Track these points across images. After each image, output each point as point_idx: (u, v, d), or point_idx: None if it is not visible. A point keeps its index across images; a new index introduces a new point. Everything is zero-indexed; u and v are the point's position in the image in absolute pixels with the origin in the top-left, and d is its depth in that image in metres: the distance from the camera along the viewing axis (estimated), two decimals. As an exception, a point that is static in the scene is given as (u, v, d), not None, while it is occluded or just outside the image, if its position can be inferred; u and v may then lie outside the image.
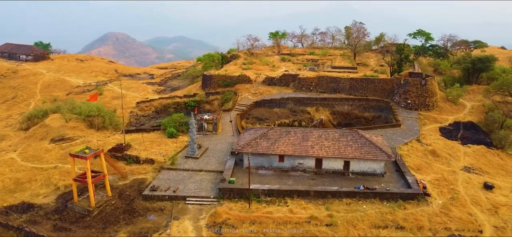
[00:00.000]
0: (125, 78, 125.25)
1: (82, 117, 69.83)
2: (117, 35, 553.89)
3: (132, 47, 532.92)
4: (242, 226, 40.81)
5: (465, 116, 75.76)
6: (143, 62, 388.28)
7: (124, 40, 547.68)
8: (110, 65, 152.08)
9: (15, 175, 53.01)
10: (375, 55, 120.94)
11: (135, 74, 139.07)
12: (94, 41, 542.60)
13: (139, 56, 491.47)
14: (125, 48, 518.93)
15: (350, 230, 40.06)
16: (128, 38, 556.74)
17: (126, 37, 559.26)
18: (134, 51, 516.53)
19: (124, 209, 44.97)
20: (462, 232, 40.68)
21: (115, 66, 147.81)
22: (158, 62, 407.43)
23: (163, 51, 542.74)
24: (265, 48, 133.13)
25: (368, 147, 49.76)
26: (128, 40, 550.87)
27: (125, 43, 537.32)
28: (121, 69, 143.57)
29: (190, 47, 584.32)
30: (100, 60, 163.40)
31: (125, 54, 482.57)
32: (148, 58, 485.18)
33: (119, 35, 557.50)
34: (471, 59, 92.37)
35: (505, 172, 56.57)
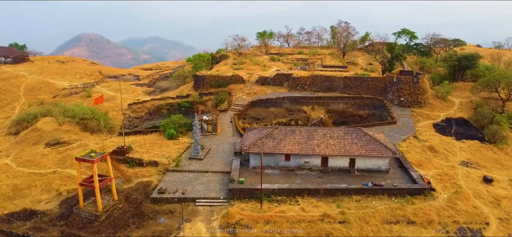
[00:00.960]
0: (110, 80, 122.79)
1: (76, 120, 68.06)
2: (90, 36, 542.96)
3: (106, 48, 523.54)
4: (256, 226, 40.75)
5: (455, 113, 77.92)
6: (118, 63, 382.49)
7: (98, 41, 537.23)
8: (93, 66, 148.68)
9: (13, 181, 51.24)
10: (361, 54, 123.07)
11: (120, 75, 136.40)
12: (67, 43, 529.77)
13: (114, 57, 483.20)
14: (99, 49, 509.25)
15: (363, 227, 40.60)
16: (102, 39, 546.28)
17: (100, 38, 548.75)
18: (108, 52, 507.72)
19: (132, 213, 44.16)
20: (470, 224, 41.91)
21: (98, 68, 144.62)
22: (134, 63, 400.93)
23: (138, 52, 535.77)
24: (252, 48, 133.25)
25: (373, 144, 50.54)
26: (102, 41, 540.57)
27: (99, 44, 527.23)
28: (105, 70, 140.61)
29: (166, 48, 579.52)
30: (82, 62, 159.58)
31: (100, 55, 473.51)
32: (123, 59, 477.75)
33: (93, 36, 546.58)
34: (457, 57, 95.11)
35: (501, 165, 58.52)
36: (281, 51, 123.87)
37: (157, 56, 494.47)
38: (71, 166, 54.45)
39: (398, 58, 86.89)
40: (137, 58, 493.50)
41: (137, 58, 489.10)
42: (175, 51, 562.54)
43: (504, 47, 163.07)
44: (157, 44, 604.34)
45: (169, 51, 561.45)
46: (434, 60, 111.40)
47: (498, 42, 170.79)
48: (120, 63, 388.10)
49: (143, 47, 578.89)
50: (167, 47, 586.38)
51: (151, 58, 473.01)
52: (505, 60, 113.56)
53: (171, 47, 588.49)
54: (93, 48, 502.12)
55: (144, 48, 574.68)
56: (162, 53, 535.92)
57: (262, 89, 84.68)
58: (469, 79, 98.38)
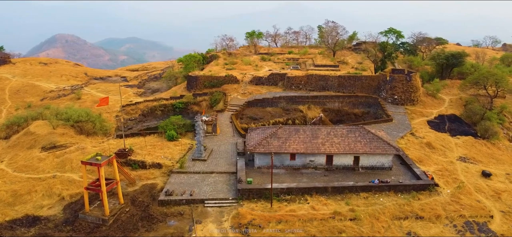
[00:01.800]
0: (97, 82, 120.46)
1: (71, 123, 66.50)
2: (66, 37, 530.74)
3: (83, 49, 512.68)
4: (268, 226, 40.77)
5: (447, 109, 79.80)
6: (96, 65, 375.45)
7: (74, 42, 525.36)
8: (77, 68, 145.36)
9: (11, 187, 49.71)
10: (350, 53, 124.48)
11: (106, 77, 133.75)
12: (41, 44, 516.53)
13: (91, 59, 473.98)
14: (75, 51, 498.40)
15: (374, 223, 41.16)
16: (78, 40, 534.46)
17: (76, 39, 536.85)
18: (85, 54, 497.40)
19: (140, 216, 43.52)
20: (476, 218, 43.04)
21: (83, 70, 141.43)
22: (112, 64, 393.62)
23: (115, 53, 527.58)
24: (241, 48, 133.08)
25: (376, 142, 51.27)
26: (79, 42, 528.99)
27: (75, 45, 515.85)
28: (90, 72, 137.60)
29: (144, 48, 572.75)
30: (66, 63, 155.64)
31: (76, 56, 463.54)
32: (101, 60, 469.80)
33: (68, 37, 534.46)
34: (445, 55, 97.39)
35: (496, 160, 60.29)
36: (270, 51, 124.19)
37: (136, 57, 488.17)
38: (71, 170, 53.25)
39: (391, 57, 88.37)
40: (115, 59, 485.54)
41: (115, 59, 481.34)
42: (154, 52, 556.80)
43: (482, 45, 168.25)
44: (135, 45, 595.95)
45: (148, 52, 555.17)
46: (420, 59, 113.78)
47: (477, 40, 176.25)
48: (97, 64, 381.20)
49: (121, 48, 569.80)
50: (145, 48, 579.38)
51: (129, 59, 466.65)
52: (488, 58, 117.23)
53: (149, 48, 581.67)
54: (69, 50, 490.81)
55: (121, 49, 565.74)
56: (140, 53, 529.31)
57: (257, 89, 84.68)
58: (456, 76, 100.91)
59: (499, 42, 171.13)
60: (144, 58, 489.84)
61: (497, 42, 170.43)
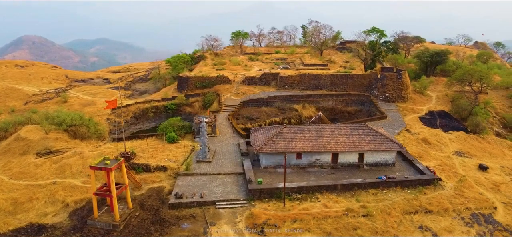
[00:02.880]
0: (79, 84, 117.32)
1: (64, 127, 64.47)
2: (32, 39, 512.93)
3: (51, 51, 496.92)
4: (284, 225, 40.85)
5: (435, 106, 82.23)
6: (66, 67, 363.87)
7: (42, 44, 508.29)
8: (56, 70, 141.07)
9: (10, 195, 47.78)
10: (334, 52, 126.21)
11: (88, 79, 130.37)
12: (7, 46, 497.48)
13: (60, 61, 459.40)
14: (43, 53, 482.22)
15: (386, 219, 41.96)
16: (46, 42, 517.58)
17: (43, 40, 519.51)
18: (53, 55, 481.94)
19: (152, 220, 42.73)
20: (481, 210, 44.63)
21: (63, 72, 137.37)
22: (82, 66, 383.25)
23: (85, 54, 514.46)
24: (226, 48, 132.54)
25: (380, 139, 52.28)
26: (46, 44, 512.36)
27: (43, 47, 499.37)
28: (71, 74, 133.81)
29: (114, 50, 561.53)
30: (43, 66, 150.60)
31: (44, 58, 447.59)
32: (70, 62, 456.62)
33: (35, 38, 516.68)
34: (430, 53, 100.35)
35: (489, 154, 62.64)
36: (257, 51, 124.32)
37: (107, 59, 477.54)
38: (71, 175, 51.72)
39: (380, 56, 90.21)
40: (85, 61, 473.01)
41: (85, 61, 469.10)
42: (125, 53, 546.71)
43: (455, 43, 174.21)
44: (105, 46, 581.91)
45: (118, 53, 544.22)
46: (403, 57, 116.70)
47: (450, 38, 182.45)
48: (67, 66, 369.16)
49: (91, 49, 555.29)
50: (116, 49, 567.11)
51: (100, 61, 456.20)
52: (467, 56, 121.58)
53: (120, 49, 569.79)
54: (37, 52, 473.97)
55: (91, 50, 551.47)
56: (111, 55, 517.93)
57: (249, 89, 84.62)
58: (439, 74, 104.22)
59: (471, 40, 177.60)
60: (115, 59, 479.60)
61: (469, 40, 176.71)
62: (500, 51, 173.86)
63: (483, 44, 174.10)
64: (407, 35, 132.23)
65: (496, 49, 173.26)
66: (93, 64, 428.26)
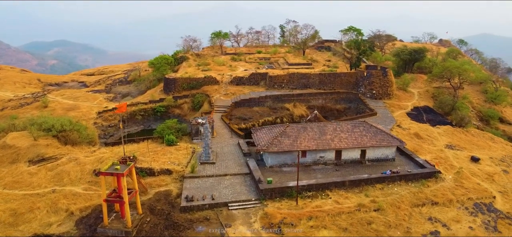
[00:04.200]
0: (53, 88, 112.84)
1: (53, 132, 61.88)
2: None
3: (6, 54, 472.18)
4: (300, 223, 41.20)
5: (419, 102, 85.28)
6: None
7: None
8: (26, 74, 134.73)
9: (7, 206, 45.43)
10: (314, 52, 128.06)
11: (62, 82, 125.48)
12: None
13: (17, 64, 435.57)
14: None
15: (397, 212, 43.20)
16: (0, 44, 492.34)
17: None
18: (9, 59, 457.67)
19: (165, 225, 41.89)
20: (482, 199, 46.80)
21: (35, 75, 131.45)
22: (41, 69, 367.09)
23: (44, 57, 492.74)
24: (206, 49, 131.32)
25: (381, 135, 53.69)
26: (1, 46, 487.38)
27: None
28: (43, 78, 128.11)
29: (74, 52, 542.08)
30: (10, 70, 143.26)
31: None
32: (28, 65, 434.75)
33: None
34: (409, 50, 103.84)
35: (477, 146, 65.66)
36: (238, 51, 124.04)
37: (67, 61, 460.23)
38: (70, 182, 49.82)
39: (365, 54, 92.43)
40: (43, 63, 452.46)
41: (43, 64, 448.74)
42: (86, 55, 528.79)
43: (421, 41, 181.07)
44: (65, 48, 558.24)
45: (79, 55, 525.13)
46: (381, 54, 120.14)
47: (416, 36, 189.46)
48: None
49: (49, 52, 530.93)
50: (76, 51, 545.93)
51: (60, 63, 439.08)
52: (441, 53, 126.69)
53: (80, 51, 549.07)
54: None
55: (50, 52, 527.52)
56: (71, 57, 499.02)
57: (239, 89, 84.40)
58: (416, 71, 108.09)
59: (436, 38, 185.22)
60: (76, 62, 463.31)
61: (434, 38, 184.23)
62: (463, 48, 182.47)
63: (447, 42, 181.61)
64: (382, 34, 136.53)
65: (460, 46, 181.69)
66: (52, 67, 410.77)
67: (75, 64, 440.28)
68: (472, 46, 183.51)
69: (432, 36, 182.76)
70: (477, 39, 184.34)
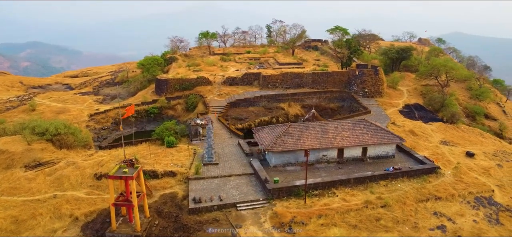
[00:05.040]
0: (37, 90, 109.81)
1: (47, 136, 60.28)
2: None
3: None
4: (310, 222, 41.48)
5: (409, 99, 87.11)
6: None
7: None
8: (7, 77, 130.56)
9: (7, 213, 44.01)
10: (302, 51, 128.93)
11: (46, 85, 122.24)
12: None
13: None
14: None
15: (403, 208, 44.04)
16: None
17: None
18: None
19: (174, 227, 41.48)
20: (482, 193, 48.18)
21: (16, 78, 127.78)
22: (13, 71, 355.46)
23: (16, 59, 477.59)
24: (194, 49, 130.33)
25: (381, 133, 54.59)
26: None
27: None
28: (26, 81, 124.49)
29: (48, 53, 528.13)
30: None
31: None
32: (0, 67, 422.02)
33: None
34: (396, 49, 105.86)
35: (469, 142, 67.55)
36: (226, 51, 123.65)
37: (40, 63, 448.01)
38: (71, 187, 48.71)
39: (356, 53, 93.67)
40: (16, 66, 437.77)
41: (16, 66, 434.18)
42: (60, 57, 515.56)
43: (401, 40, 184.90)
44: (38, 50, 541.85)
45: (52, 57, 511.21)
46: (367, 53, 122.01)
47: (396, 35, 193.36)
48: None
49: (21, 54, 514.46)
50: (50, 53, 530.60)
51: (33, 65, 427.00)
52: (425, 52, 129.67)
53: (54, 53, 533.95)
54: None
55: (22, 54, 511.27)
56: (44, 59, 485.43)
57: (232, 90, 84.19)
58: (402, 69, 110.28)
59: (415, 37, 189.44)
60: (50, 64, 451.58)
61: (413, 37, 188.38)
62: (441, 46, 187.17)
63: (426, 40, 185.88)
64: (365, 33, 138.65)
65: (438, 44, 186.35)
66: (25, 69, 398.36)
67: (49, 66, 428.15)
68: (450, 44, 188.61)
69: (411, 35, 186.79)
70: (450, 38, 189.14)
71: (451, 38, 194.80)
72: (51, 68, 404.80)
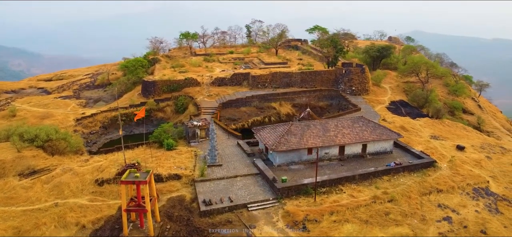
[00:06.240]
0: (10, 95, 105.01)
1: (39, 143, 57.92)
2: None
3: None
4: (323, 219, 42.05)
5: (394, 96, 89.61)
6: None
7: None
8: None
9: (8, 224, 42.04)
10: (283, 50, 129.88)
11: (19, 89, 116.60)
12: None
13: None
14: None
15: (409, 202, 45.43)
16: None
17: None
18: None
19: (187, 231, 40.96)
20: (478, 184, 50.39)
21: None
22: None
23: None
24: (174, 50, 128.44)
25: (380, 129, 55.99)
26: None
27: None
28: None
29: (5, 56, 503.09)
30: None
31: None
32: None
33: None
34: (377, 48, 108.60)
35: (456, 136, 70.32)
36: (208, 51, 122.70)
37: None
38: (73, 195, 47.09)
39: (342, 52, 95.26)
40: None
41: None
42: (19, 59, 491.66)
43: (373, 38, 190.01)
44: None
45: (11, 60, 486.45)
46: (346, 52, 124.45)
47: (368, 34, 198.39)
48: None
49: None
50: (7, 55, 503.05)
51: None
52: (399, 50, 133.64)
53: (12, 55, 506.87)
54: None
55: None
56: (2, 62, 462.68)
57: (222, 90, 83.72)
58: (382, 67, 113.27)
59: (385, 36, 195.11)
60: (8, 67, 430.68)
61: (384, 35, 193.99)
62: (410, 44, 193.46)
63: (396, 39, 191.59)
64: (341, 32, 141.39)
65: (407, 42, 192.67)
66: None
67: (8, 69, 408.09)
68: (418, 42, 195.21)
69: (382, 34, 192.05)
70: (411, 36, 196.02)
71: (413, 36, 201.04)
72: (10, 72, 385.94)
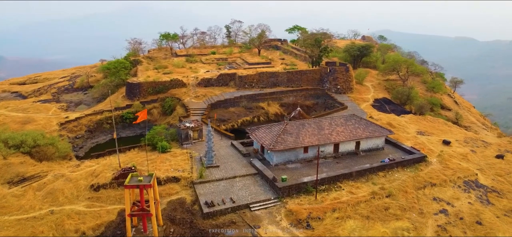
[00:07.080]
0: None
1: (26, 149, 55.89)
2: None
3: None
4: (326, 216, 42.66)
5: (378, 94, 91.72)
6: None
7: None
8: None
9: (3, 234, 40.42)
10: (264, 50, 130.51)
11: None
12: None
13: None
14: None
15: (406, 196, 46.71)
16: None
17: None
18: None
19: (192, 233, 40.69)
20: (468, 177, 52.40)
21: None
22: None
23: None
24: (153, 51, 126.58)
25: (372, 126, 57.27)
26: None
27: None
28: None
29: None
30: None
31: None
32: None
33: None
34: (357, 47, 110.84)
35: (440, 131, 72.76)
36: (190, 52, 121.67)
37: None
38: (68, 201, 45.75)
39: (326, 52, 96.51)
40: None
41: None
42: None
43: (346, 38, 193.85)
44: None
45: None
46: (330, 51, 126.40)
47: (342, 33, 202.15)
48: None
49: None
50: None
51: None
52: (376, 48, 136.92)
53: None
54: None
55: None
56: None
57: (209, 91, 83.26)
58: (362, 65, 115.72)
59: (359, 35, 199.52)
60: None
61: (357, 35, 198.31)
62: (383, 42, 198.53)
63: (369, 38, 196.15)
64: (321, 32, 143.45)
65: (380, 41, 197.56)
66: None
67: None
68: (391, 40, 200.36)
69: (355, 33, 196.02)
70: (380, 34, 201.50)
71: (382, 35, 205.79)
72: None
